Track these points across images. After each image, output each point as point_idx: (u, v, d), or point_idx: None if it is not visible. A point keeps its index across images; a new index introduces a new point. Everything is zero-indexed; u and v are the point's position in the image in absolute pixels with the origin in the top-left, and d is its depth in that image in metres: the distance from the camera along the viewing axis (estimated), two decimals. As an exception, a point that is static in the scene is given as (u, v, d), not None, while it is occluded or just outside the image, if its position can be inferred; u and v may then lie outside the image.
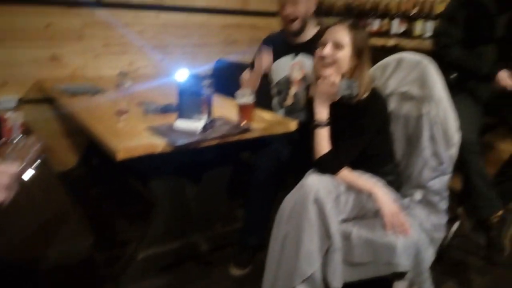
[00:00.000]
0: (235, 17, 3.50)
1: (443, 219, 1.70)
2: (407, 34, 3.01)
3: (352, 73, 1.55)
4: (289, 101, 2.17)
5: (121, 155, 1.39)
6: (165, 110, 1.89)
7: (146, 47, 3.09)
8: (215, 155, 1.82)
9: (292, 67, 2.14)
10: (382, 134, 1.61)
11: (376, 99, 1.58)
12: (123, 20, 2.96)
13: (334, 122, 1.59)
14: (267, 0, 3.62)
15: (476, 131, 1.90)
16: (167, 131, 1.60)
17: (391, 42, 2.81)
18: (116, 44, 2.95)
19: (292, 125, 1.82)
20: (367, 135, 1.55)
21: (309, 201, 1.40)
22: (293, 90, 2.15)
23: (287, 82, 2.16)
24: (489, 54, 1.99)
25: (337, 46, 1.52)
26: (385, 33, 3.13)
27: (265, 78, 2.25)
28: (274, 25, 2.94)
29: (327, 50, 1.52)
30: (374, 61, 1.86)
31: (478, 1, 1.94)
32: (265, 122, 1.81)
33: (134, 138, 1.52)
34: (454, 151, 1.67)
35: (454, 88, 2.00)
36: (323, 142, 1.57)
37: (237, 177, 2.08)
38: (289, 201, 1.47)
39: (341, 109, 1.57)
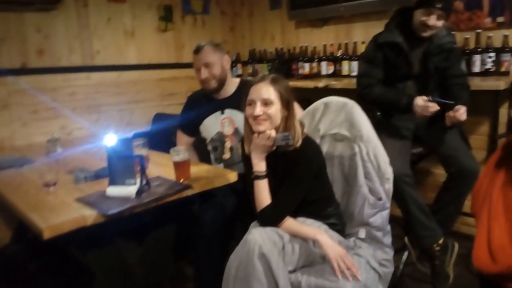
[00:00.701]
0: (170, 71, 3.52)
1: (389, 253, 1.72)
2: (336, 74, 3.18)
3: (285, 124, 1.59)
4: (226, 155, 2.19)
5: (47, 234, 1.29)
6: (98, 176, 1.81)
7: (78, 109, 3.00)
8: (158, 214, 1.75)
9: (222, 123, 2.17)
10: (319, 178, 1.64)
11: (309, 146, 1.61)
12: (52, 84, 2.88)
13: (272, 172, 1.60)
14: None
15: (407, 163, 1.98)
16: (98, 200, 1.53)
17: (321, 83, 2.92)
18: (45, 110, 2.85)
19: (232, 176, 1.80)
20: (305, 183, 1.57)
21: (254, 257, 1.37)
22: (228, 144, 2.17)
23: (221, 138, 2.19)
24: (408, 88, 2.12)
25: (266, 103, 1.56)
26: (316, 75, 3.29)
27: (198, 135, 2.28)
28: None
29: (258, 109, 1.55)
30: (308, 102, 1.93)
31: (392, 42, 2.07)
32: (204, 176, 1.78)
33: (62, 212, 1.43)
34: (389, 185, 1.72)
35: (382, 125, 2.11)
36: (263, 193, 1.57)
37: (185, 232, 2.01)
38: (235, 259, 1.43)
39: (278, 159, 1.60)
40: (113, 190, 1.56)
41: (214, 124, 2.19)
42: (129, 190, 1.54)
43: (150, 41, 3.38)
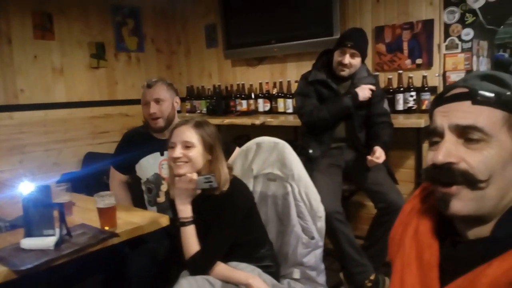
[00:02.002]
0: (102, 108, 3.41)
1: (323, 292, 1.72)
2: (273, 111, 3.24)
3: (208, 168, 1.57)
4: (161, 198, 2.10)
5: None
6: (14, 226, 1.65)
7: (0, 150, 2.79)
8: (84, 264, 1.63)
9: (160, 165, 2.10)
10: (250, 220, 1.61)
11: (237, 188, 1.59)
12: (-33, 125, 2.67)
13: (199, 217, 1.56)
14: (137, 88, 3.62)
15: (338, 200, 2.02)
16: (11, 254, 1.38)
17: (258, 120, 2.96)
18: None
19: (163, 220, 1.72)
20: (233, 227, 1.54)
21: (182, 309, 1.29)
22: (165, 187, 2.08)
23: (157, 180, 2.10)
24: (338, 126, 2.25)
25: (187, 146, 1.54)
26: (253, 112, 3.33)
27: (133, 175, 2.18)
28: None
29: (178, 151, 1.53)
30: (247, 139, 1.91)
31: (319, 79, 2.20)
32: (132, 222, 1.68)
33: (-35, 271, 1.28)
34: (321, 224, 1.73)
35: (313, 163, 2.16)
36: (190, 240, 1.52)
37: (114, 283, 1.88)
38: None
39: (205, 203, 1.56)
40: (29, 242, 1.43)
41: (152, 165, 2.10)
42: (46, 241, 1.42)
43: (80, 79, 3.27)
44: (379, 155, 2.00)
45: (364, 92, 2.13)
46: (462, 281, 0.64)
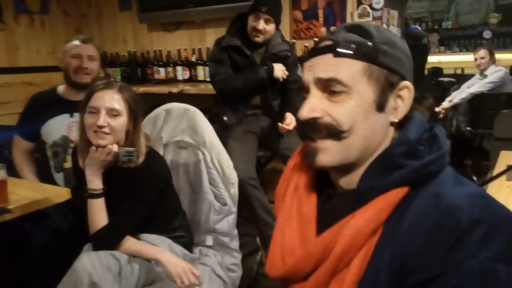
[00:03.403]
0: (1, 76, 3.07)
1: (237, 257, 1.73)
2: (193, 79, 3.14)
3: (129, 138, 1.45)
4: (68, 163, 1.96)
5: None
6: None
7: None
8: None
9: (69, 127, 1.95)
10: (165, 193, 1.54)
11: (153, 162, 1.48)
12: None
13: (109, 189, 1.45)
14: (42, 54, 3.31)
15: (253, 167, 2.03)
16: None
17: (176, 89, 2.86)
18: None
19: (64, 194, 1.60)
20: (147, 202, 1.45)
21: (83, 287, 1.22)
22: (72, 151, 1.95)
23: (65, 143, 1.95)
24: None
25: (113, 114, 1.39)
26: (172, 80, 3.21)
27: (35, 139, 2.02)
28: (55, 80, 2.66)
29: (102, 119, 1.37)
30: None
31: (232, 45, 2.15)
32: (28, 196, 1.55)
33: None
34: (234, 190, 1.73)
35: (228, 130, 2.14)
36: (99, 213, 1.42)
37: (15, 261, 1.74)
38: (61, 291, 1.26)
39: (117, 175, 1.45)
40: None
41: (60, 127, 1.95)
42: None
43: (-28, 42, 2.91)
44: (289, 121, 2.04)
45: (278, 72, 2.12)
46: (328, 233, 0.66)
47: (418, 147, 0.66)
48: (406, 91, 0.69)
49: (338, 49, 0.67)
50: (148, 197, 1.46)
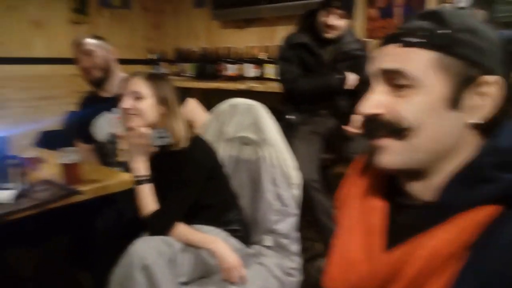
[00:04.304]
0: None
1: (296, 262, 1.68)
2: (262, 77, 3.14)
3: (163, 123, 1.50)
4: (121, 157, 2.04)
5: None
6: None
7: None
8: (53, 221, 1.59)
9: (112, 123, 2.04)
10: (214, 181, 1.55)
11: (197, 146, 1.53)
12: None
13: (159, 175, 1.49)
14: (121, 47, 3.48)
15: (316, 169, 1.96)
16: (-36, 207, 1.33)
17: (243, 85, 2.86)
18: None
19: (131, 180, 1.67)
20: (194, 186, 1.48)
21: (135, 270, 1.25)
22: (122, 145, 2.03)
23: (112, 139, 2.04)
24: None
25: (137, 97, 1.47)
26: (240, 77, 3.22)
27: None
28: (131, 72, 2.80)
29: (128, 101, 1.46)
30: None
31: (302, 42, 2.08)
32: (99, 180, 1.63)
33: None
34: (295, 191, 1.68)
35: (292, 129, 2.09)
36: (147, 199, 1.47)
37: (83, 242, 1.85)
38: (116, 273, 1.31)
39: (164, 161, 1.50)
40: (-16, 196, 1.37)
41: (104, 125, 2.05)
42: (3, 195, 1.36)
43: (61, 34, 3.13)
44: (357, 124, 1.94)
45: (351, 82, 2.06)
46: (399, 251, 0.58)
47: None
48: (490, 87, 0.58)
49: (406, 38, 0.59)
50: (194, 181, 1.48)
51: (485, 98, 0.58)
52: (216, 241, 1.43)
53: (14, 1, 2.89)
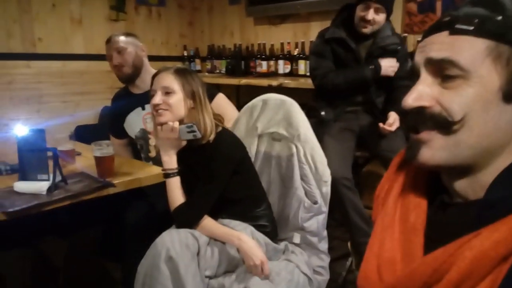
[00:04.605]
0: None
1: (325, 260, 1.65)
2: (293, 73, 3.10)
3: (192, 117, 1.50)
4: (152, 153, 2.07)
5: None
6: (15, 169, 1.65)
7: (16, 98, 2.81)
8: (87, 213, 1.63)
9: (144, 119, 2.07)
10: (242, 175, 1.54)
11: (225, 139, 1.52)
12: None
13: (187, 169, 1.51)
14: (157, 44, 3.55)
15: (348, 166, 1.91)
16: (3, 195, 1.38)
17: (275, 82, 2.84)
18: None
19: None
20: (221, 179, 1.47)
21: (161, 261, 1.26)
22: (153, 141, 2.06)
23: (144, 135, 2.08)
24: None
25: (167, 92, 1.47)
26: (273, 74, 3.20)
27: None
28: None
29: (158, 97, 1.46)
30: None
31: (338, 37, 2.03)
32: (131, 173, 1.65)
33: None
34: (326, 189, 1.64)
35: (325, 125, 2.04)
36: (175, 192, 1.48)
37: (114, 234, 1.88)
38: (143, 265, 1.32)
39: (193, 155, 1.50)
40: (21, 186, 1.42)
41: (136, 121, 2.08)
42: (39, 186, 1.40)
43: (99, 31, 3.21)
44: (392, 121, 1.87)
45: (387, 69, 1.98)
46: (442, 252, 0.53)
47: None
48: None
49: (457, 25, 0.55)
50: (221, 174, 1.47)
51: None
52: (242, 237, 1.41)
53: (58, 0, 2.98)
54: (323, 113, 2.06)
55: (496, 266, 0.49)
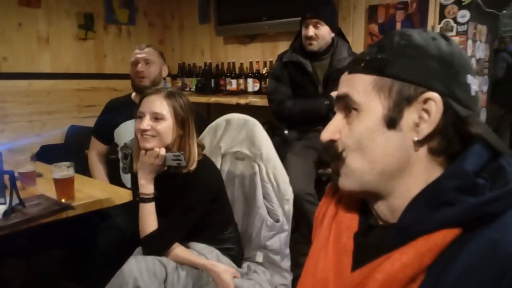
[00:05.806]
0: (89, 81, 3.33)
1: (287, 278, 1.66)
2: (262, 91, 3.14)
3: (179, 144, 1.46)
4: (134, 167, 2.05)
5: None
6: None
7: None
8: (48, 234, 1.59)
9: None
10: (217, 202, 1.53)
11: (205, 170, 1.48)
12: None
13: (162, 194, 1.47)
14: (127, 62, 3.53)
15: (311, 182, 1.95)
16: (-44, 220, 1.34)
17: (244, 100, 2.87)
18: None
19: (126, 195, 1.66)
20: (197, 210, 1.45)
21: (128, 291, 1.24)
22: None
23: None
24: None
25: (157, 117, 1.42)
26: (242, 92, 3.24)
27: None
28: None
29: (146, 122, 1.41)
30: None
31: (296, 61, 2.08)
32: (92, 195, 1.63)
33: None
34: (288, 207, 1.67)
35: (289, 144, 2.08)
36: (149, 218, 1.44)
37: (79, 256, 1.85)
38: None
39: (169, 181, 1.47)
40: (-24, 210, 1.38)
41: (131, 130, 2.04)
42: (-5, 210, 1.37)
43: (67, 49, 3.19)
44: None
45: None
46: (359, 274, 0.57)
47: (477, 181, 0.53)
48: (429, 104, 0.57)
49: (352, 65, 0.63)
50: (199, 205, 1.45)
51: (424, 115, 0.58)
52: (214, 266, 1.41)
53: (26, 18, 2.95)
54: (286, 132, 2.10)
55: (405, 287, 0.52)
